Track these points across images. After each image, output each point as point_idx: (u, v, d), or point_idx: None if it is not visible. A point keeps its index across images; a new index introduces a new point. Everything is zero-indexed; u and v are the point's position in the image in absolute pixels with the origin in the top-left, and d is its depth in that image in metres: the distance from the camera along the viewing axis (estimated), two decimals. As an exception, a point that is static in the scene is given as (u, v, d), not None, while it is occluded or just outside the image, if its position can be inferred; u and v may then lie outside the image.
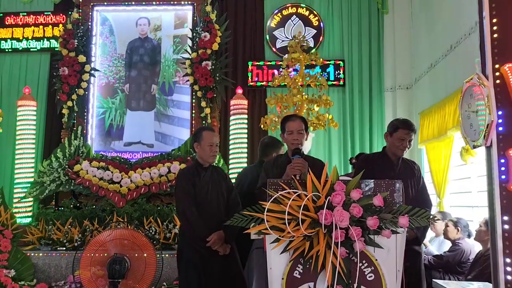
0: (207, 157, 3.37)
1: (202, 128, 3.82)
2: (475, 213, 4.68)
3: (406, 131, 3.23)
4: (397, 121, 3.35)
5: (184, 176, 3.33)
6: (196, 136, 3.40)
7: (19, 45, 7.14)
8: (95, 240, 2.60)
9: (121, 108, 6.32)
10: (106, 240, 2.61)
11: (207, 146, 3.33)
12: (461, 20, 5.00)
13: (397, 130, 3.25)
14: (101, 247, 2.59)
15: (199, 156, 3.40)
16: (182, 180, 3.31)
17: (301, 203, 2.15)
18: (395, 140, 3.26)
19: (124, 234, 2.62)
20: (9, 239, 4.81)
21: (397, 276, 2.22)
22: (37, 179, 5.65)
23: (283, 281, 2.23)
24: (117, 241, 2.60)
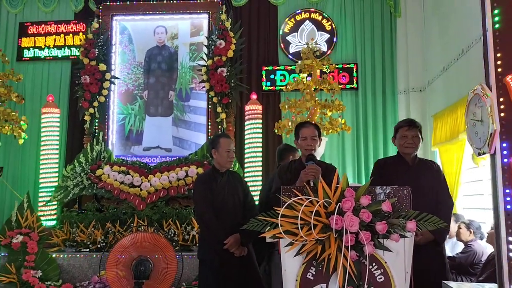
0: (224, 162, 3.51)
1: (219, 135, 3.95)
2: (487, 215, 4.73)
3: (406, 127, 3.22)
4: (398, 123, 3.37)
5: (201, 182, 3.48)
6: (213, 142, 3.54)
7: (41, 54, 7.40)
8: (120, 243, 2.76)
9: (140, 114, 6.53)
10: (130, 243, 2.78)
11: (224, 152, 3.48)
12: (472, 24, 5.06)
13: (398, 130, 3.27)
14: (125, 249, 2.76)
15: (217, 162, 3.53)
16: (200, 185, 3.46)
17: (313, 209, 2.28)
18: (399, 140, 3.24)
19: (146, 237, 2.79)
20: (35, 241, 5.04)
21: (405, 278, 2.34)
22: (61, 183, 5.88)
23: (297, 283, 2.36)
24: (139, 244, 2.76)
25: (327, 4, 7.24)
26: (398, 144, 3.26)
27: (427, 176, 3.16)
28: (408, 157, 3.23)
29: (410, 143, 3.17)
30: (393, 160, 3.39)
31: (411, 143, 3.18)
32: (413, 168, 3.21)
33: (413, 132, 3.18)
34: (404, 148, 3.21)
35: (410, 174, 3.17)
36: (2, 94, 5.85)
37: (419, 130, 3.21)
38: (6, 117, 5.86)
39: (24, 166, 7.06)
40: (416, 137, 3.18)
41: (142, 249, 2.73)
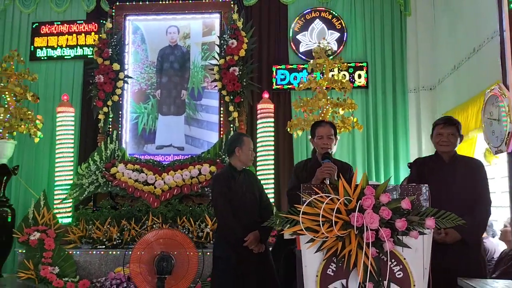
0: (247, 160, 3.59)
1: (241, 133, 4.04)
2: (499, 213, 4.77)
3: (441, 125, 3.16)
4: (436, 120, 3.31)
5: (220, 180, 3.54)
6: (238, 140, 3.59)
7: (54, 53, 7.48)
8: (143, 239, 2.84)
9: (153, 113, 6.61)
10: (153, 239, 2.85)
11: (248, 151, 3.56)
12: (483, 24, 5.09)
13: (434, 128, 3.22)
14: (148, 246, 2.83)
15: (239, 160, 3.58)
16: (219, 184, 3.51)
17: (334, 206, 2.34)
18: (435, 138, 3.18)
19: (168, 234, 2.86)
20: (52, 238, 5.14)
21: (424, 274, 2.39)
22: (77, 181, 5.98)
23: (317, 278, 2.41)
24: (162, 241, 2.84)
25: (337, 3, 7.27)
26: (434, 142, 3.21)
27: (463, 174, 3.10)
28: (445, 155, 3.17)
29: (444, 141, 3.12)
30: (430, 158, 3.35)
31: (445, 141, 3.12)
32: (448, 166, 3.15)
33: (449, 129, 3.13)
34: (439, 146, 3.17)
35: (445, 172, 3.13)
36: (18, 93, 5.95)
37: (456, 128, 3.14)
38: (22, 116, 5.96)
39: (37, 164, 7.15)
40: (451, 135, 3.12)
41: (164, 246, 2.80)
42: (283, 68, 7.08)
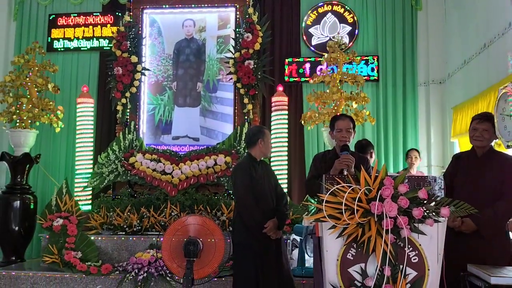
0: (267, 151, 3.86)
1: (262, 126, 4.22)
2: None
3: (477, 120, 3.27)
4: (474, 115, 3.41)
5: (242, 170, 3.72)
6: (260, 133, 3.81)
7: (71, 45, 7.63)
8: (172, 226, 3.04)
9: (169, 104, 6.78)
10: (181, 226, 3.05)
11: (269, 143, 3.82)
12: (494, 19, 5.20)
13: (471, 122, 3.33)
14: (177, 232, 3.03)
15: (260, 151, 3.79)
16: (241, 174, 3.69)
17: (355, 195, 2.52)
18: (470, 133, 3.30)
19: (196, 220, 3.05)
20: (74, 225, 5.35)
21: (438, 259, 2.57)
22: (97, 170, 6.19)
23: (338, 262, 2.59)
24: (190, 226, 3.03)
25: (349, -3, 7.39)
26: (469, 136, 3.33)
27: (493, 169, 3.20)
28: (479, 150, 3.28)
29: (478, 136, 3.24)
30: (467, 152, 3.50)
31: (479, 136, 3.23)
32: (479, 160, 3.27)
33: (483, 125, 3.23)
34: (472, 140, 3.28)
35: (476, 166, 3.27)
36: (40, 84, 6.13)
37: (492, 124, 3.23)
38: (43, 107, 6.15)
39: (55, 153, 7.35)
40: (485, 131, 3.23)
41: (192, 231, 2.99)
42: (295, 61, 7.21)
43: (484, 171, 3.24)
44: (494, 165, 3.22)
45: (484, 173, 3.23)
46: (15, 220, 5.85)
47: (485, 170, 3.23)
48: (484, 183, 3.21)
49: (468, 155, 3.45)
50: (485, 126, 3.24)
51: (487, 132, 3.23)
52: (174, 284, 4.75)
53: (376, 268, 2.52)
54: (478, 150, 3.33)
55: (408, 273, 2.52)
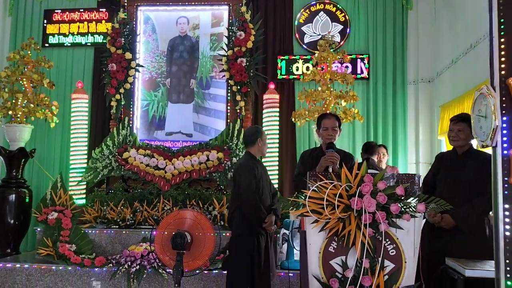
0: (265, 150, 4.10)
1: (258, 127, 4.48)
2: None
3: (452, 122, 3.44)
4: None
5: (247, 169, 3.89)
6: (258, 133, 4.04)
7: (66, 40, 7.70)
8: (164, 220, 3.17)
9: (163, 100, 6.88)
10: (172, 220, 3.18)
11: (266, 141, 4.06)
12: (481, 20, 5.32)
13: (450, 123, 3.49)
14: (168, 226, 3.16)
15: (258, 150, 4.03)
16: (246, 173, 3.87)
17: (337, 192, 2.66)
18: (448, 134, 3.48)
19: (187, 214, 3.18)
20: (69, 218, 5.46)
21: (414, 252, 2.71)
22: (91, 165, 6.30)
23: (320, 255, 2.73)
24: (181, 220, 3.15)
25: (341, -4, 7.50)
26: (448, 137, 3.51)
27: (472, 167, 3.34)
28: (459, 149, 3.43)
29: (454, 136, 3.40)
30: (449, 152, 3.70)
31: (454, 137, 3.40)
32: (459, 159, 3.43)
33: (458, 126, 3.38)
34: (450, 141, 3.46)
35: (456, 165, 3.42)
36: (35, 80, 6.22)
37: (467, 124, 3.28)
38: (39, 102, 6.24)
39: (50, 148, 7.45)
40: (460, 131, 3.37)
41: (183, 225, 3.11)
42: (288, 59, 7.33)
43: (464, 169, 3.39)
44: (473, 164, 3.37)
45: (464, 171, 3.38)
46: (10, 213, 5.95)
47: (465, 168, 3.39)
48: (463, 181, 3.36)
49: (449, 154, 3.62)
50: (459, 126, 3.39)
51: (462, 132, 3.37)
52: (166, 276, 4.88)
53: (356, 261, 2.66)
54: (458, 150, 3.48)
55: (386, 265, 2.66)
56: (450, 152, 3.66)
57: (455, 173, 3.44)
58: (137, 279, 4.86)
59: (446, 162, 3.57)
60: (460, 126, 3.39)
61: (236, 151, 6.14)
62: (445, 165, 3.56)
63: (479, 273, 2.83)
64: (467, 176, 3.37)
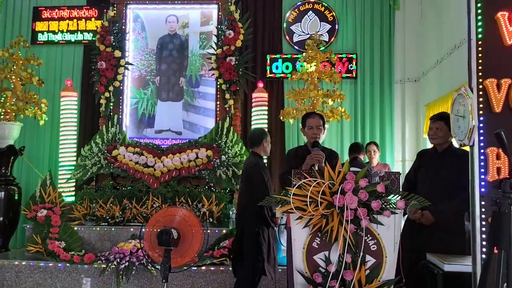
0: (269, 151, 4.40)
1: (263, 128, 4.93)
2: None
3: (431, 120, 3.56)
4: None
5: (259, 168, 4.19)
6: (264, 134, 4.38)
7: (55, 38, 7.70)
8: (153, 217, 3.23)
9: (152, 98, 6.92)
10: (161, 217, 3.24)
11: (269, 142, 4.35)
12: (465, 22, 5.44)
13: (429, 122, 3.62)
14: (157, 223, 3.22)
15: (264, 150, 4.34)
16: (259, 171, 4.16)
17: (320, 189, 2.74)
18: (427, 132, 3.62)
19: (175, 211, 3.24)
20: (58, 215, 5.49)
21: (394, 247, 2.80)
22: (80, 162, 6.32)
23: (304, 250, 2.82)
24: (169, 217, 3.22)
25: (329, -5, 7.58)
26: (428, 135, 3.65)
27: (451, 165, 3.42)
28: (439, 147, 3.52)
29: (432, 134, 3.51)
30: (429, 150, 3.82)
31: (433, 135, 3.50)
32: (438, 157, 3.52)
33: (436, 124, 3.48)
34: (430, 139, 3.58)
35: (435, 162, 3.51)
36: (24, 78, 6.22)
37: (445, 122, 3.39)
38: (28, 100, 6.25)
39: (39, 146, 7.45)
40: (438, 129, 3.47)
41: (171, 222, 3.18)
42: (277, 58, 7.40)
43: (443, 166, 3.48)
44: (452, 161, 3.46)
45: (443, 168, 3.47)
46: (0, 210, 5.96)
47: (444, 166, 3.48)
48: (442, 178, 3.45)
49: (429, 152, 3.73)
50: (437, 125, 3.49)
51: (440, 130, 3.46)
52: (155, 272, 4.94)
53: (339, 256, 2.75)
54: (438, 147, 3.57)
55: (367, 260, 2.75)
56: (430, 150, 3.76)
57: (434, 170, 3.54)
58: (126, 275, 4.92)
59: (426, 159, 3.66)
60: (438, 124, 3.48)
61: (225, 149, 6.20)
62: (425, 162, 3.65)
63: (458, 268, 2.94)
64: (445, 173, 3.45)
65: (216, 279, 4.97)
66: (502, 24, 2.75)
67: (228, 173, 6.04)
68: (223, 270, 4.98)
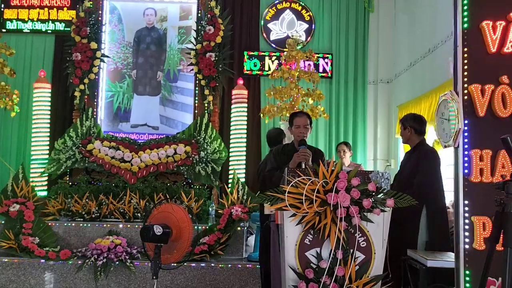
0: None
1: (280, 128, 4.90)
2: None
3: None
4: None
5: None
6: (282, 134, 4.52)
7: (24, 26, 7.44)
8: (151, 215, 3.26)
9: (129, 92, 6.81)
10: (157, 213, 3.27)
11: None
12: (438, 27, 5.68)
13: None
14: (152, 219, 3.24)
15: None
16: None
17: (314, 187, 2.81)
18: None
19: (167, 208, 3.25)
20: (31, 210, 5.33)
21: (383, 244, 2.92)
22: (54, 156, 6.14)
23: (296, 247, 2.88)
24: (162, 214, 3.23)
25: (307, -5, 7.68)
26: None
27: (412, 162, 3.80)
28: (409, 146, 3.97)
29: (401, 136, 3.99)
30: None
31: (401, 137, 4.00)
32: (407, 155, 3.96)
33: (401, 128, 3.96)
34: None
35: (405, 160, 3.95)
36: (-5, 67, 5.99)
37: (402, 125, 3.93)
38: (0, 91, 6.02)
39: (6, 138, 7.18)
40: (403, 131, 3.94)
41: (165, 219, 3.17)
42: (254, 55, 7.44)
43: (408, 164, 3.82)
44: (414, 158, 3.80)
45: (408, 166, 3.81)
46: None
47: (408, 162, 3.82)
48: (404, 174, 3.77)
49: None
50: (401, 128, 3.98)
51: (402, 132, 3.94)
52: (134, 269, 4.89)
53: (330, 252, 2.83)
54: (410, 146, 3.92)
55: (357, 256, 2.85)
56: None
57: (402, 167, 3.94)
58: (104, 272, 4.84)
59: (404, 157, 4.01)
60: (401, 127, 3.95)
61: (204, 145, 6.19)
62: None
63: (440, 263, 3.11)
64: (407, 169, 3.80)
65: (196, 275, 4.97)
66: (487, 32, 2.90)
67: (208, 169, 6.03)
68: (203, 267, 4.98)
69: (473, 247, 2.77)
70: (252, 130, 7.26)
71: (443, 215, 3.76)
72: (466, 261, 2.77)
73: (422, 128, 3.88)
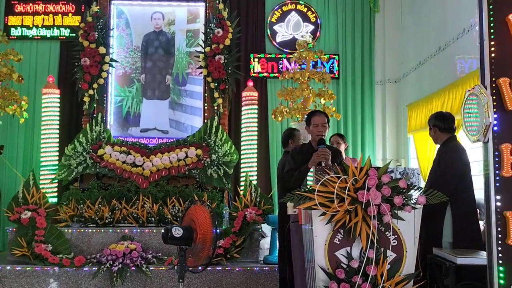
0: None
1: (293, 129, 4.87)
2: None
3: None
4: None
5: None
6: (291, 134, 4.53)
7: (29, 33, 7.38)
8: (184, 218, 3.23)
9: (138, 96, 6.77)
10: (187, 214, 3.24)
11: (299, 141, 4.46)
12: (448, 27, 5.66)
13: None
14: (183, 221, 3.21)
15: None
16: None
17: (344, 185, 2.77)
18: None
19: (196, 209, 3.21)
20: (43, 217, 5.27)
21: (414, 242, 2.87)
22: (64, 162, 6.08)
23: (325, 246, 2.84)
24: (190, 216, 3.18)
25: (312, -4, 7.67)
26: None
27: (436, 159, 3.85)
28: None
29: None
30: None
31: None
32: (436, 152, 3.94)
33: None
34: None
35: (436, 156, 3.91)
36: (3, 74, 5.92)
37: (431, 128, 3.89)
38: (8, 97, 5.95)
39: (12, 145, 7.11)
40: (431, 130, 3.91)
41: (192, 221, 3.14)
42: (260, 57, 7.41)
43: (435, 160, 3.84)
44: (439, 154, 3.82)
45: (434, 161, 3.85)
46: (-23, 213, 5.66)
47: (436, 159, 3.84)
48: (431, 171, 3.81)
49: None
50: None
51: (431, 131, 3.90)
52: (150, 274, 4.83)
53: (360, 251, 2.79)
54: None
55: (388, 255, 2.80)
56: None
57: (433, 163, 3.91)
58: (120, 277, 4.78)
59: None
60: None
61: (215, 148, 6.15)
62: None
63: (471, 261, 3.06)
64: (434, 166, 3.82)
65: (213, 279, 4.92)
66: (513, 26, 2.86)
67: (220, 172, 5.98)
68: (219, 270, 4.93)
69: (505, 243, 2.72)
70: (260, 131, 7.21)
71: (472, 210, 3.73)
72: (499, 257, 2.72)
73: (446, 125, 3.80)
